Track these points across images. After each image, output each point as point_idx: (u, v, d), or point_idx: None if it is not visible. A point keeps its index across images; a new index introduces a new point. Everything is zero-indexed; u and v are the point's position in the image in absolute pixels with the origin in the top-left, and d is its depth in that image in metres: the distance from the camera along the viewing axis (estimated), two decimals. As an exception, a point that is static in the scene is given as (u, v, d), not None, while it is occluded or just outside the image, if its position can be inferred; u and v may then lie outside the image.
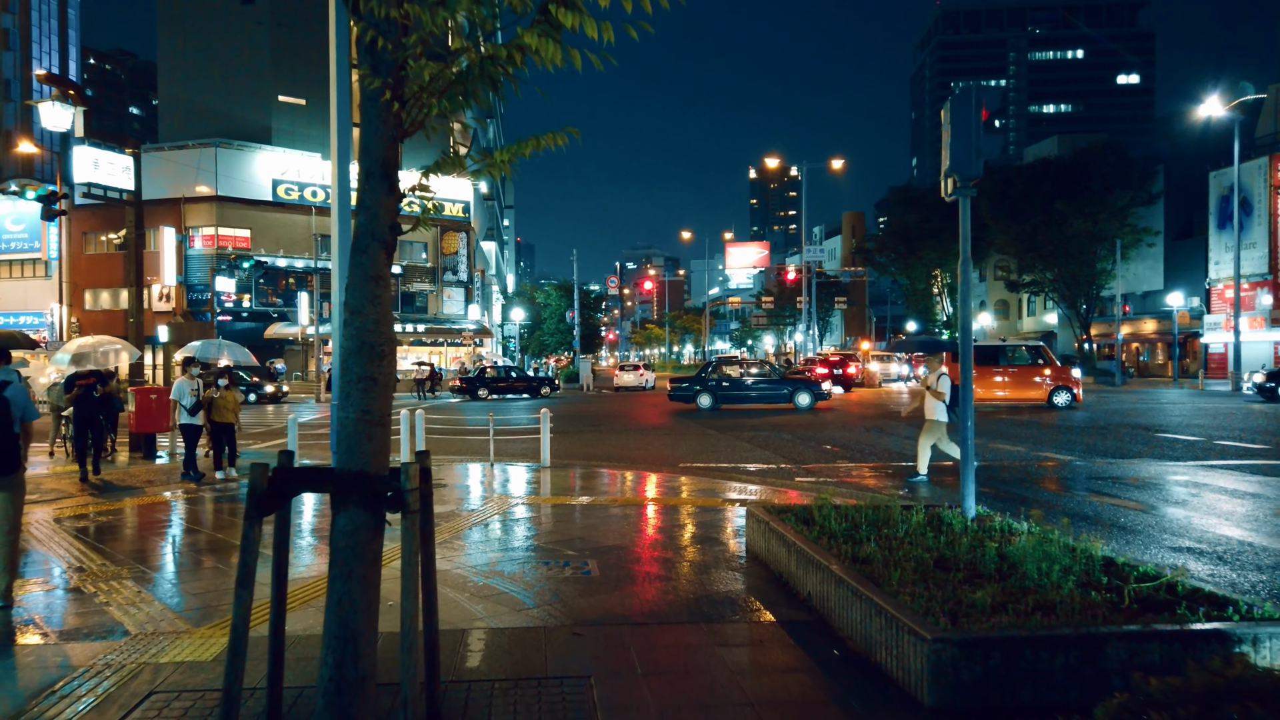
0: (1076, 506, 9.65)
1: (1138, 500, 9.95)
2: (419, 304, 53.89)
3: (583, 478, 12.42)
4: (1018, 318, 72.46)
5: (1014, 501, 9.89)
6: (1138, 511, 9.29)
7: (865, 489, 11.05)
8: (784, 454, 14.85)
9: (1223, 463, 12.78)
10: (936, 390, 11.35)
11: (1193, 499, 9.98)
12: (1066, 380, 23.72)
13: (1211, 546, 7.63)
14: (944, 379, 11.38)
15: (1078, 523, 8.66)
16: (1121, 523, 8.71)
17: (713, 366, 27.19)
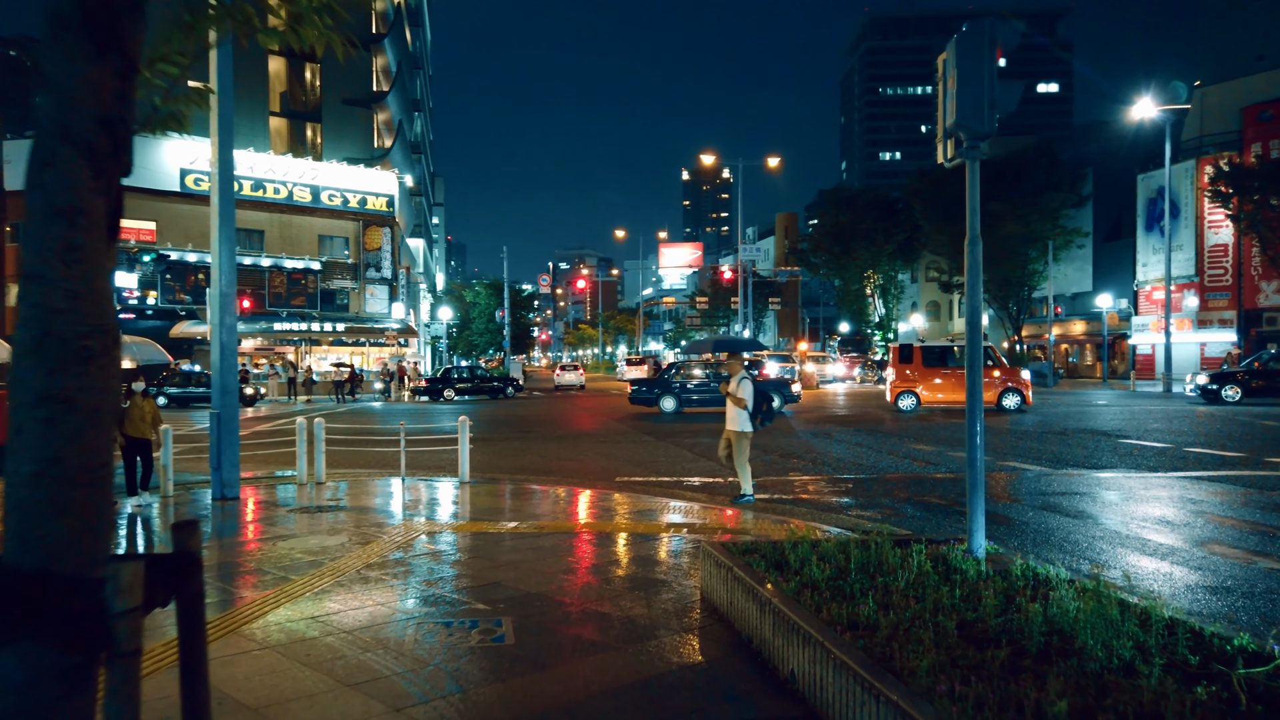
0: (1078, 533, 8.47)
1: (1147, 522, 8.82)
2: (340, 302, 51.35)
3: (506, 496, 10.86)
4: (948, 319, 72.88)
5: (999, 524, 8.67)
6: (1153, 538, 8.14)
7: (827, 508, 9.74)
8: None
9: (1208, 474, 11.83)
10: (737, 396, 9.89)
11: (1206, 524, 8.90)
12: (1016, 382, 22.96)
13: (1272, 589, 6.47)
14: (745, 383, 9.94)
15: (1089, 553, 7.45)
16: (1148, 559, 7.53)
17: (676, 368, 25.92)
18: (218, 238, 11.39)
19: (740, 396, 9.87)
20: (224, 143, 11.41)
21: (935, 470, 12.47)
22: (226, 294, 11.44)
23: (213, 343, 11.33)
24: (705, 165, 48.12)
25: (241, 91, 53.04)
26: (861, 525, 8.72)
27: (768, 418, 10.09)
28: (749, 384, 9.94)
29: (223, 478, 11.03)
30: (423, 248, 75.51)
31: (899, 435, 17.32)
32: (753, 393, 9.90)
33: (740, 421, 9.88)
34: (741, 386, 9.91)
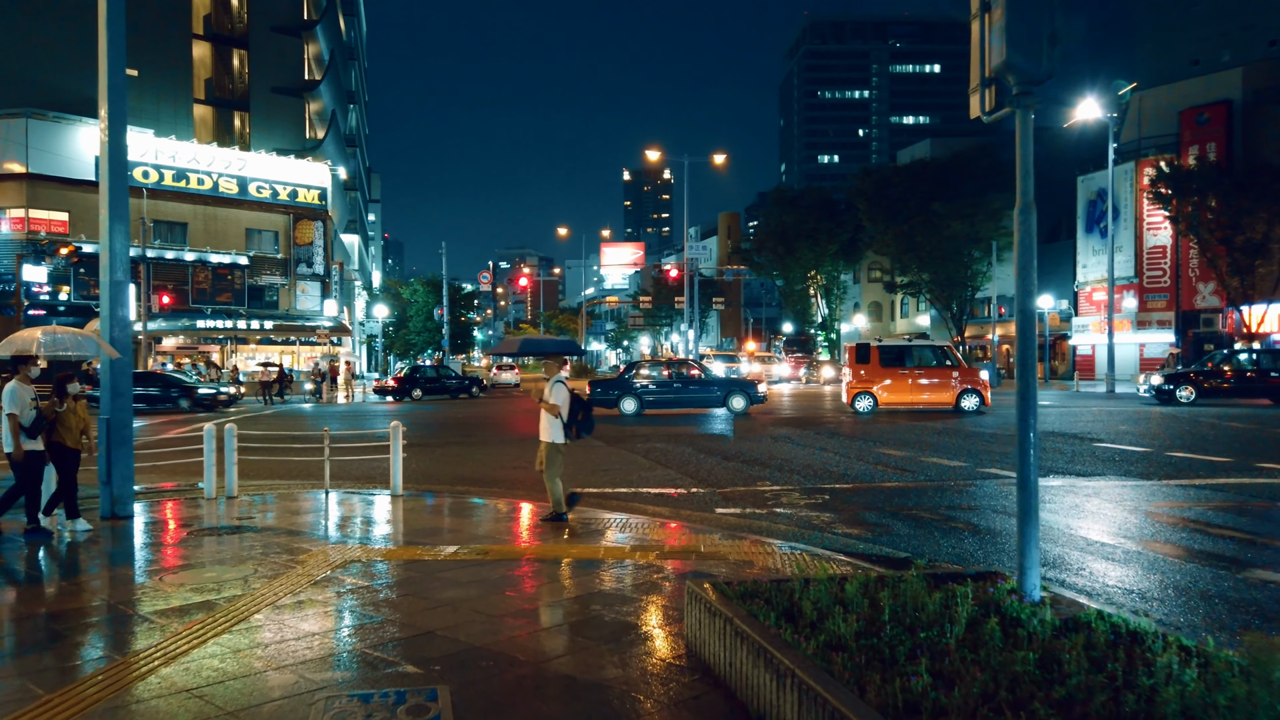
0: (1114, 560, 7.54)
1: (1179, 543, 7.95)
2: (269, 299, 49.06)
3: (445, 512, 9.59)
4: (890, 319, 73.10)
5: (1003, 543, 7.71)
6: (1204, 566, 7.24)
7: (808, 525, 8.69)
8: (691, 472, 12.40)
9: (1206, 482, 11.09)
10: (549, 403, 8.75)
11: (1242, 545, 8.06)
12: (974, 383, 22.32)
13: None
14: (559, 388, 8.83)
15: (1141, 587, 6.50)
16: (1221, 602, 6.60)
17: (635, 367, 24.79)
18: (108, 216, 9.93)
19: (553, 403, 8.72)
20: (115, 102, 9.95)
21: (913, 478, 11.54)
22: (119, 283, 9.99)
23: (103, 333, 9.84)
24: (650, 162, 47.12)
25: (163, 77, 50.46)
26: (852, 545, 7.68)
27: (585, 428, 8.92)
28: (563, 389, 8.80)
29: (113, 493, 9.56)
30: (358, 244, 73.13)
31: (864, 439, 16.44)
32: (568, 399, 8.78)
33: (552, 431, 8.75)
34: (555, 392, 8.77)
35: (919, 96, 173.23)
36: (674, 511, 9.49)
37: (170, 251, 44.86)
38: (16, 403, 8.53)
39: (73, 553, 7.97)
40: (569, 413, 8.78)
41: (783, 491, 10.65)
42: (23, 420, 8.54)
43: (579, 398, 8.92)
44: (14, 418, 8.48)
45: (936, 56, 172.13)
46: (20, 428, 8.50)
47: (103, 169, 9.85)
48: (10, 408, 8.49)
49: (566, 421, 8.76)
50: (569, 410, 8.78)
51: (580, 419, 8.88)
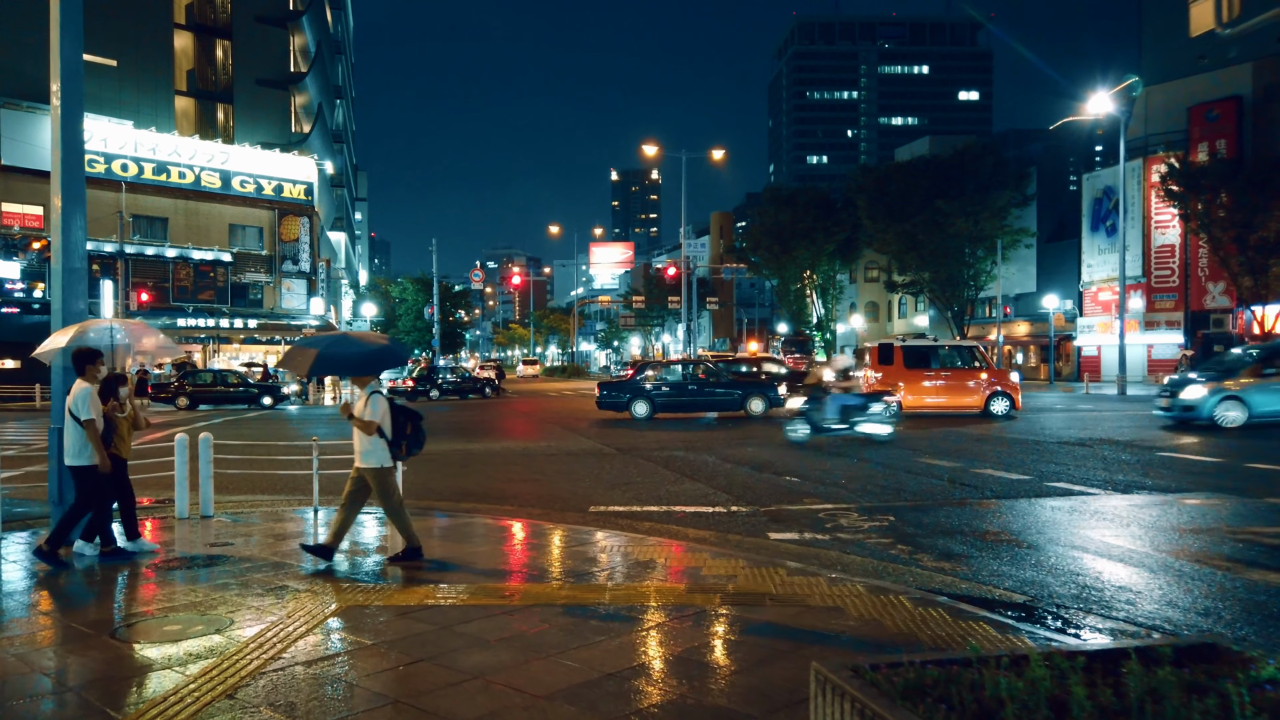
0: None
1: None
2: (253, 296, 47.47)
3: (454, 537, 8.25)
4: (888, 320, 72.09)
5: (1156, 583, 6.45)
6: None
7: (888, 556, 7.40)
8: (724, 487, 11.11)
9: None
10: (362, 419, 7.06)
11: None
12: (1005, 385, 21.11)
13: None
14: (376, 400, 7.15)
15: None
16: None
17: (647, 368, 23.51)
18: (61, 190, 8.55)
19: (368, 419, 7.02)
20: (69, 52, 8.57)
21: (977, 494, 10.29)
22: (75, 271, 8.61)
23: (53, 329, 8.46)
24: (646, 158, 45.81)
25: (144, 67, 48.75)
26: (951, 585, 6.41)
27: (415, 443, 7.35)
28: (381, 401, 7.15)
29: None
30: (344, 242, 71.56)
31: (901, 446, 15.18)
32: (388, 412, 7.15)
33: (374, 454, 7.09)
34: (371, 405, 7.10)
35: (908, 97, 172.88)
36: (720, 536, 8.19)
37: (150, 247, 43.26)
38: (94, 408, 7.41)
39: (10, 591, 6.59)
40: (394, 428, 7.16)
41: (837, 511, 9.36)
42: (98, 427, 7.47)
43: (404, 408, 7.33)
44: (93, 425, 7.35)
45: (925, 57, 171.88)
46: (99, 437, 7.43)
47: (54, 134, 8.49)
48: (87, 413, 7.34)
49: (392, 439, 7.15)
50: (393, 425, 7.16)
51: (409, 433, 7.26)
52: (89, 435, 7.35)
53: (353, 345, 7.19)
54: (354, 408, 7.17)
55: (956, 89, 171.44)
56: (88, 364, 7.54)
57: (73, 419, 7.40)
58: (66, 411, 7.48)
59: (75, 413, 7.37)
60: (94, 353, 7.62)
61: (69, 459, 7.46)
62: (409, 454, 7.37)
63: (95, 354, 7.62)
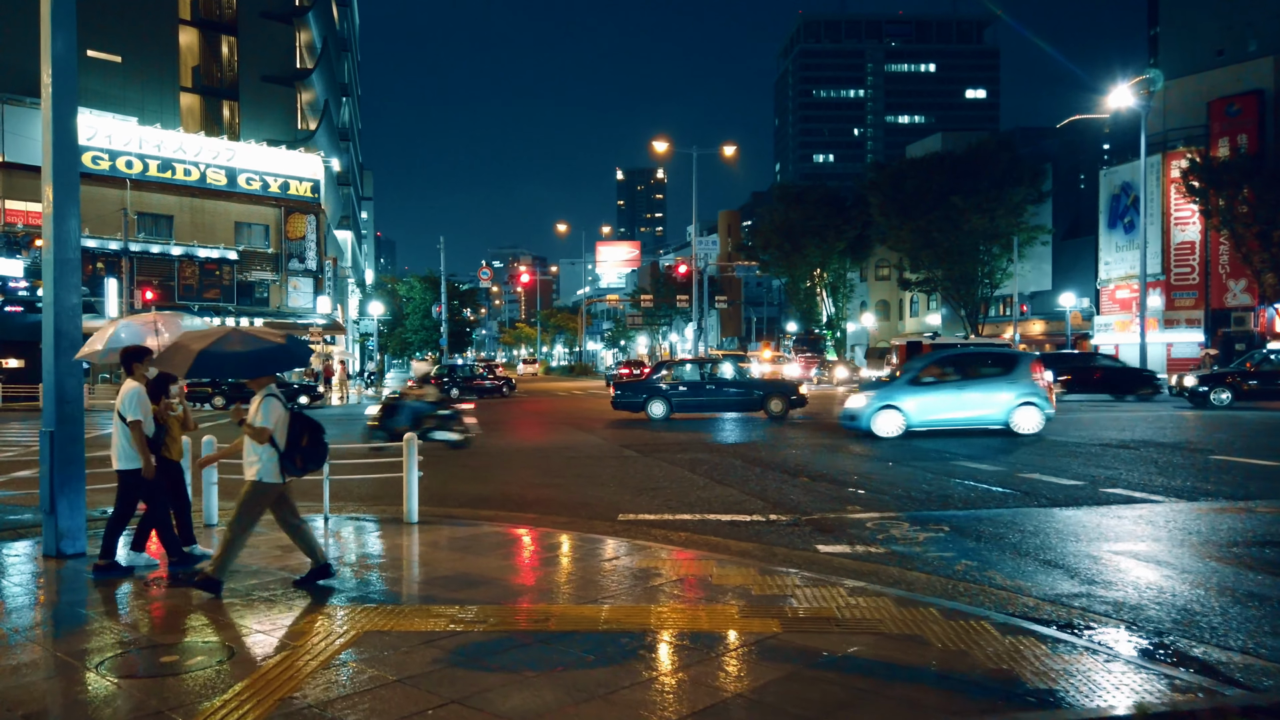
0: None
1: None
2: (259, 295, 46.92)
3: (473, 549, 7.62)
4: (899, 318, 71.38)
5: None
6: None
7: (953, 575, 6.76)
8: (758, 493, 10.47)
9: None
10: (255, 426, 6.16)
11: None
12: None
13: None
14: (269, 405, 6.18)
15: None
16: None
17: (665, 367, 22.89)
18: (52, 174, 7.96)
19: (260, 426, 6.13)
20: (60, 19, 7.97)
21: (1031, 501, 9.64)
22: (67, 262, 8.00)
23: (45, 330, 7.86)
24: (657, 154, 45.15)
25: (148, 64, 48.20)
26: (1039, 609, 5.76)
27: (313, 458, 6.36)
28: (276, 407, 6.19)
29: (59, 526, 7.57)
30: (351, 241, 71.10)
31: (935, 450, 14.52)
32: (285, 420, 6.25)
33: (263, 466, 6.17)
34: (265, 410, 6.14)
35: (915, 96, 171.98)
36: (765, 549, 7.55)
37: (155, 245, 42.72)
38: (143, 408, 6.91)
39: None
40: (288, 438, 6.22)
41: (885, 521, 8.71)
42: (146, 429, 6.95)
43: (304, 417, 6.40)
44: (139, 427, 6.84)
45: (932, 56, 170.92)
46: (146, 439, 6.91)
47: (45, 113, 7.89)
48: (135, 413, 6.84)
49: (285, 450, 6.18)
50: (288, 434, 6.22)
51: (305, 445, 6.27)
52: (134, 437, 6.84)
53: (241, 343, 6.31)
54: (249, 411, 6.27)
55: (963, 87, 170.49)
56: (135, 361, 7.04)
57: (119, 420, 6.91)
58: (115, 413, 7.01)
59: (122, 413, 6.87)
60: (142, 350, 7.15)
61: (117, 463, 6.98)
62: (305, 469, 6.31)
63: (143, 351, 7.15)
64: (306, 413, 6.68)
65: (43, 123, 7.86)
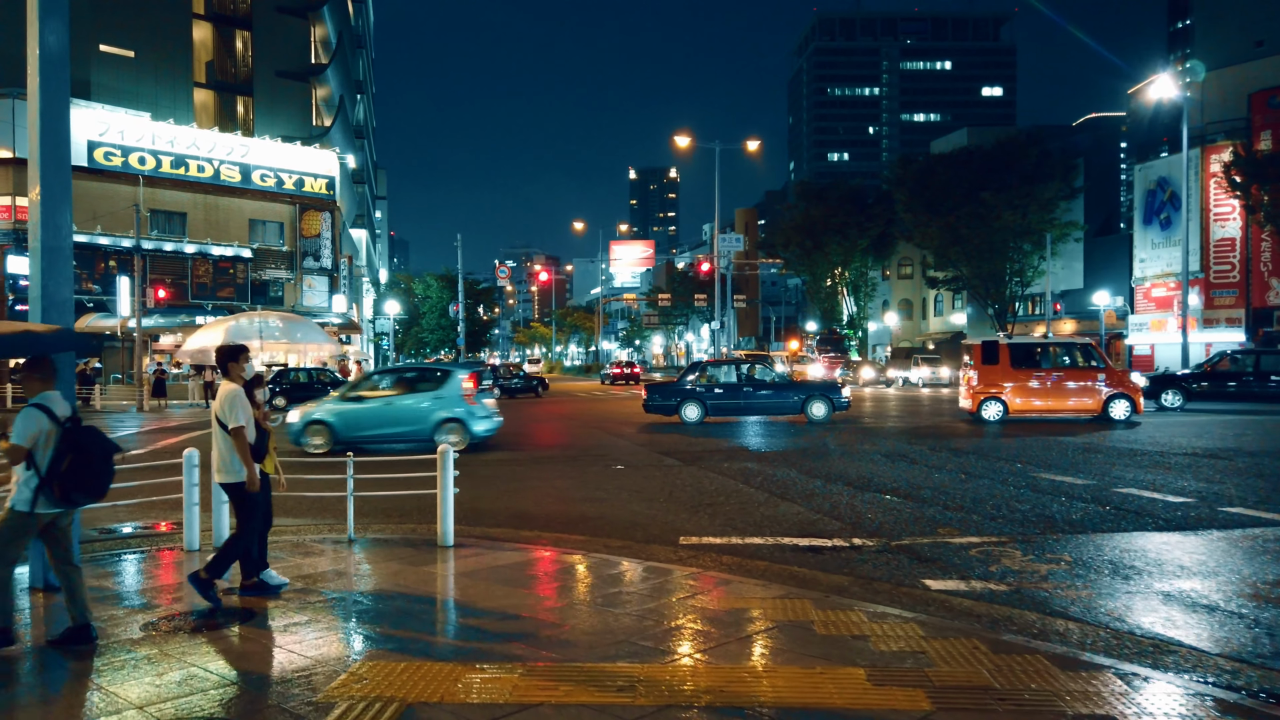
0: None
1: None
2: (273, 294, 46.09)
3: (519, 582, 6.57)
4: (922, 317, 70.06)
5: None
6: None
7: (1109, 623, 5.67)
8: (827, 510, 9.39)
9: None
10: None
11: None
12: (1125, 387, 19.05)
13: None
14: (27, 418, 5.02)
15: None
16: None
17: (699, 369, 21.78)
18: (39, 150, 6.95)
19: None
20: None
21: (1147, 525, 8.53)
22: (57, 249, 6.97)
23: (31, 321, 6.84)
24: (679, 148, 44.08)
25: (162, 59, 47.42)
26: (1239, 672, 4.66)
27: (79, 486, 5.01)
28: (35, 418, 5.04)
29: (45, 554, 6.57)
30: (366, 239, 70.28)
31: (1015, 459, 13.39)
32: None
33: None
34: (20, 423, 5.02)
35: (930, 94, 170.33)
36: (863, 584, 6.47)
37: (169, 243, 41.92)
38: (245, 412, 6.13)
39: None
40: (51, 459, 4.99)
41: (990, 547, 7.61)
42: (249, 436, 6.19)
43: (76, 437, 5.07)
44: (243, 434, 6.05)
45: (948, 53, 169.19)
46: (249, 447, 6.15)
47: (31, 76, 6.89)
48: (238, 419, 6.04)
49: (45, 474, 4.97)
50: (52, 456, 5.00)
51: (66, 469, 4.97)
52: (237, 446, 6.05)
53: None
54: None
55: (980, 85, 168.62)
56: (230, 361, 6.27)
57: (219, 427, 6.09)
58: (213, 418, 6.16)
59: (222, 419, 6.07)
60: (238, 348, 6.39)
61: (219, 475, 6.19)
62: (68, 501, 5.02)
63: (239, 349, 6.38)
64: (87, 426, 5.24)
65: (28, 90, 6.84)
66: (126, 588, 6.70)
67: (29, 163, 6.96)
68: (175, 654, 5.06)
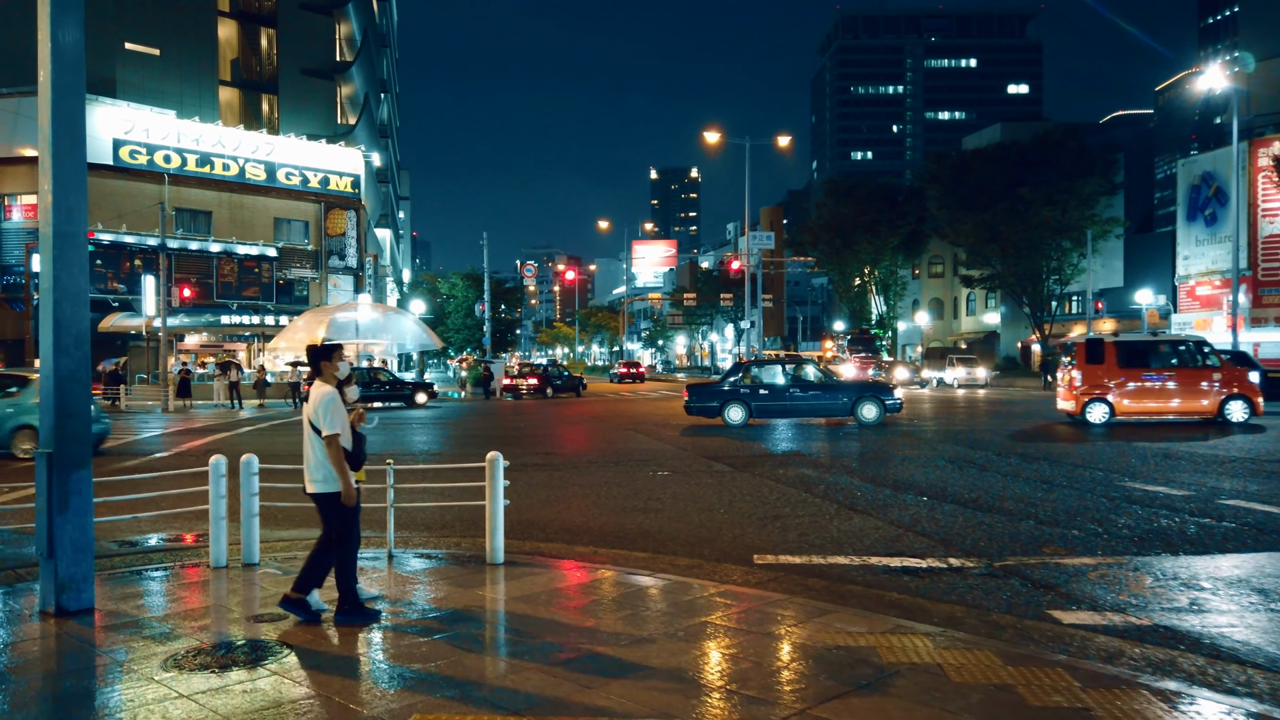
0: None
1: None
2: (299, 293, 45.69)
3: (584, 611, 5.80)
4: (953, 317, 68.84)
5: None
6: None
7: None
8: (907, 524, 8.57)
9: None
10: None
11: None
12: (1243, 387, 17.93)
13: None
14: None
15: None
16: None
17: (742, 369, 20.98)
18: (50, 129, 6.29)
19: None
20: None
21: (1264, 539, 7.64)
22: (68, 236, 6.29)
23: (42, 322, 6.17)
24: (709, 144, 43.22)
25: (187, 57, 47.17)
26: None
27: None
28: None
29: (59, 574, 5.88)
30: (389, 239, 69.91)
31: (1117, 470, 12.49)
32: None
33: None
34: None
35: (955, 91, 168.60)
36: (981, 617, 5.64)
37: (194, 242, 41.61)
38: (340, 418, 5.49)
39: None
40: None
41: (1111, 570, 6.76)
42: (345, 443, 5.52)
43: None
44: (338, 442, 5.42)
45: (972, 50, 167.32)
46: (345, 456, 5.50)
47: (42, 24, 6.21)
48: (334, 426, 5.42)
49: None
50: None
51: None
52: (331, 455, 5.42)
53: None
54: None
55: (1005, 82, 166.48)
56: (323, 360, 5.61)
57: (314, 433, 5.47)
58: (305, 422, 5.57)
59: (317, 424, 5.45)
60: (332, 346, 5.73)
61: (313, 484, 5.56)
62: None
63: (333, 347, 5.73)
64: None
65: (39, 42, 6.13)
66: (148, 612, 5.98)
67: (39, 138, 6.31)
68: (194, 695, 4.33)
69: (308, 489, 5.63)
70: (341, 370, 5.66)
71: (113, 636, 5.46)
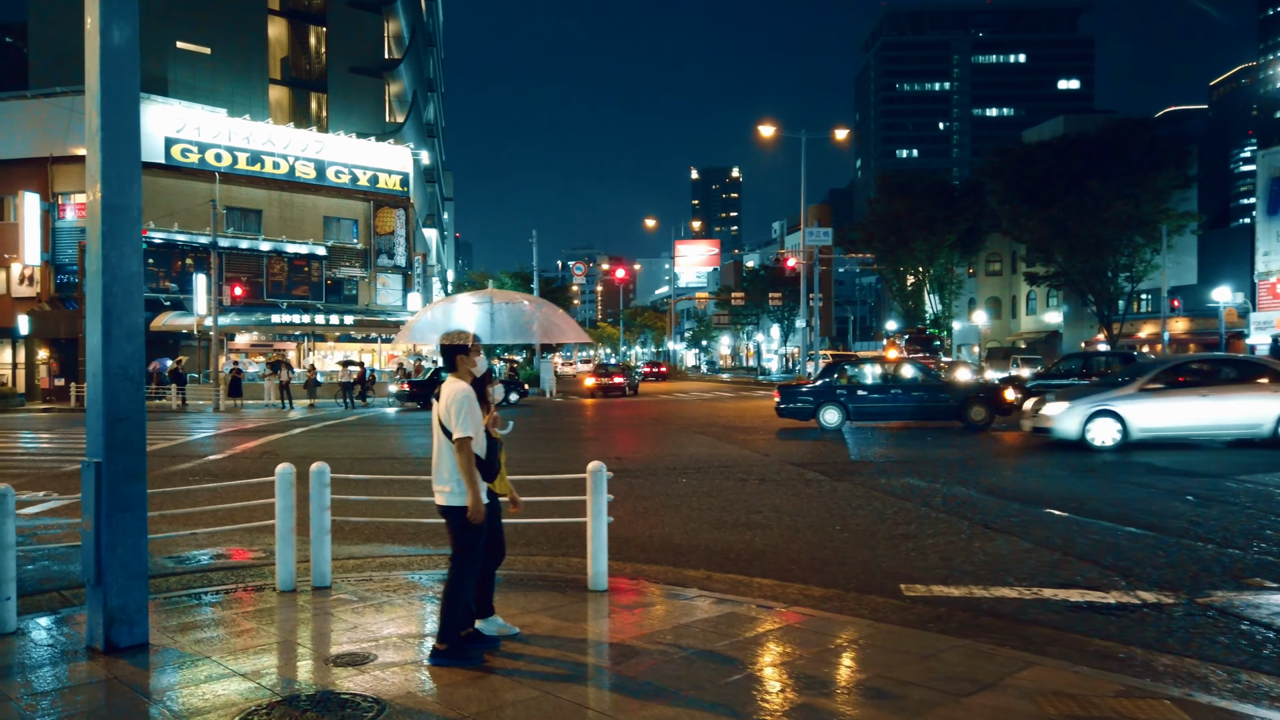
0: None
1: None
2: (348, 292, 45.33)
3: (716, 656, 4.79)
4: (1012, 316, 66.78)
5: None
6: None
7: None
8: (1063, 546, 7.44)
9: None
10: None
11: None
12: None
13: None
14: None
15: None
16: None
17: (836, 370, 19.92)
18: (98, 92, 5.43)
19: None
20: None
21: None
22: (122, 209, 5.44)
23: (90, 311, 5.33)
24: (763, 138, 42.10)
25: (237, 56, 47.05)
26: None
27: None
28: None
29: (108, 603, 5.02)
30: (436, 239, 69.61)
31: (1254, 472, 11.23)
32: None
33: None
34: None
35: (1003, 88, 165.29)
36: (1230, 678, 4.55)
37: (244, 241, 41.38)
38: (474, 420, 4.73)
39: None
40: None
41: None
42: (477, 448, 4.75)
43: None
44: (469, 447, 4.67)
45: (1021, 46, 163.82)
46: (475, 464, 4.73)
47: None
48: (466, 428, 4.66)
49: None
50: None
51: None
52: (461, 461, 4.67)
53: None
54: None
55: (1055, 78, 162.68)
56: (459, 354, 4.90)
57: (445, 436, 4.75)
58: (435, 422, 4.84)
59: (447, 425, 4.73)
60: (465, 339, 4.98)
61: (444, 496, 4.79)
62: None
63: (472, 339, 5.01)
64: None
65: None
66: (210, 649, 5.09)
67: (86, 96, 5.45)
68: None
69: (437, 500, 4.79)
70: (480, 365, 4.86)
71: (169, 679, 4.58)
